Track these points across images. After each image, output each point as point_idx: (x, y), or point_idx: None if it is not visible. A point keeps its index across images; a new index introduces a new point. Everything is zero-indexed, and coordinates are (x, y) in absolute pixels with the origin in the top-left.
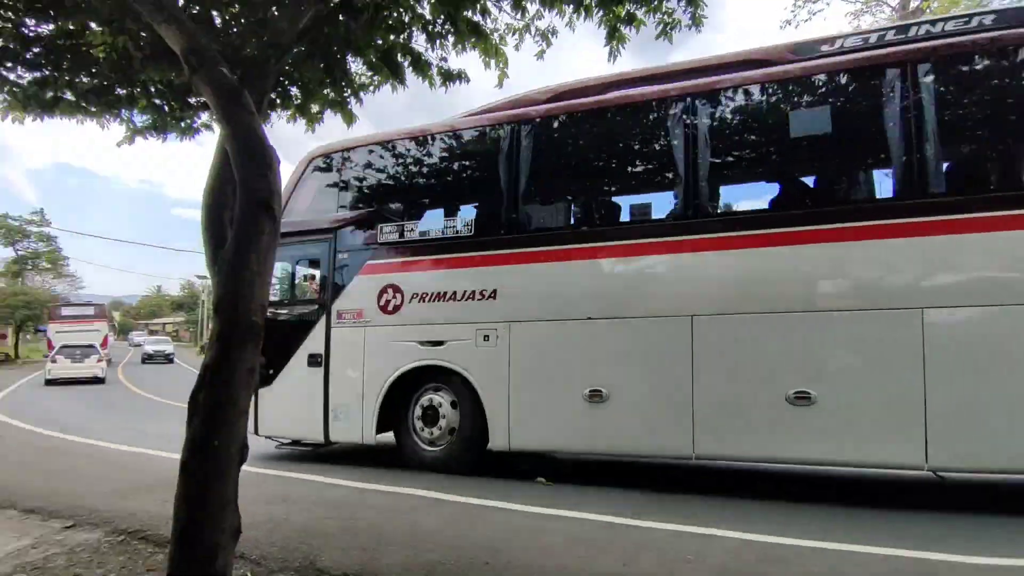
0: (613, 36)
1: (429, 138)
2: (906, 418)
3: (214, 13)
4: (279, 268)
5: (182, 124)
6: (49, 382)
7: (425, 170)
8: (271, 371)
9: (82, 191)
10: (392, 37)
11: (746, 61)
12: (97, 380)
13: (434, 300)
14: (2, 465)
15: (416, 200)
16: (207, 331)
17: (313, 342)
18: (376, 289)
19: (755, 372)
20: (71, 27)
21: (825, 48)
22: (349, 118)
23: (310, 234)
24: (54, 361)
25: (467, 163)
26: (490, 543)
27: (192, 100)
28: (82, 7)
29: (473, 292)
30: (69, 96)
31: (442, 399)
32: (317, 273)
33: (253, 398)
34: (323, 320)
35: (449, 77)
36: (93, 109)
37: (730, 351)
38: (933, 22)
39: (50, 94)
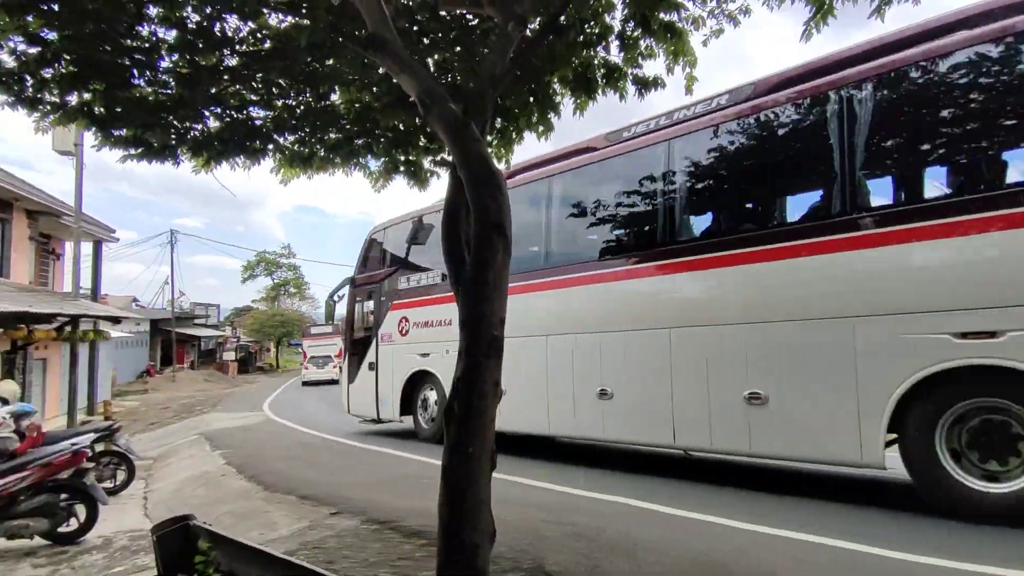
0: (819, 10)
1: (433, 215)
2: (662, 409)
3: (429, 61)
4: (358, 307)
5: (411, 168)
6: (304, 383)
7: (423, 240)
8: (356, 372)
9: (316, 226)
10: (587, 52)
11: (579, 150)
12: (333, 382)
13: (423, 326)
14: (283, 458)
15: (423, 258)
16: None
17: (371, 355)
18: (398, 320)
19: (580, 375)
20: (321, 92)
21: (625, 135)
22: (549, 127)
23: (368, 284)
24: (306, 368)
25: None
26: (712, 560)
27: (420, 144)
28: (335, 76)
29: (439, 320)
30: (321, 152)
31: (431, 394)
32: (372, 310)
33: (346, 389)
34: (374, 341)
35: (644, 84)
36: (338, 160)
37: (567, 360)
38: (689, 107)
39: (307, 151)
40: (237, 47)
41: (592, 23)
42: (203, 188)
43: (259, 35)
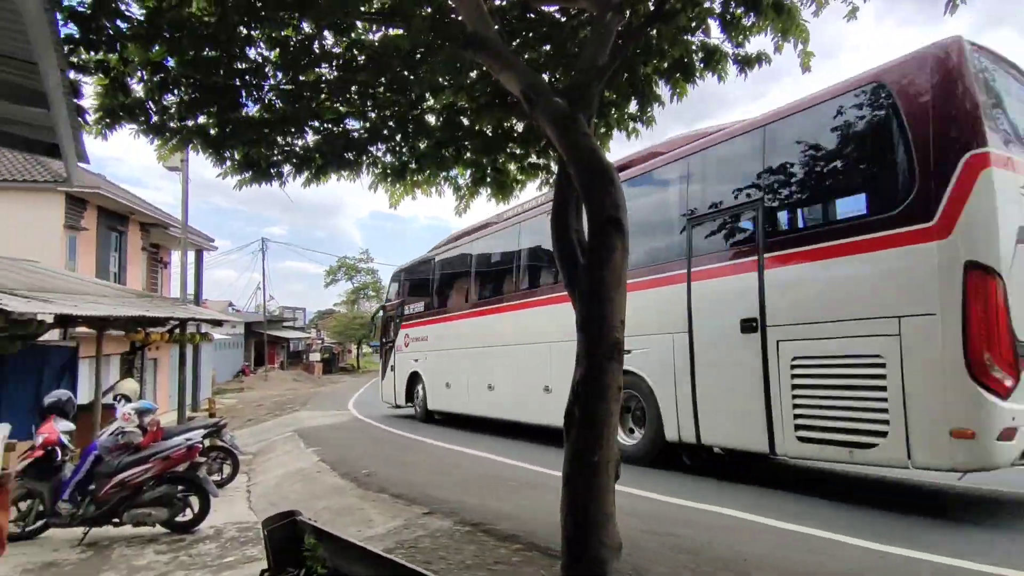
0: None
1: (432, 261)
2: (506, 394)
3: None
4: (387, 326)
5: (499, 177)
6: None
7: (418, 281)
8: (385, 371)
9: (391, 231)
10: (685, 37)
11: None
12: None
13: (415, 340)
14: (372, 455)
15: (416, 293)
16: None
17: (392, 360)
18: (404, 336)
19: (481, 373)
20: (414, 97)
21: (459, 240)
22: (650, 120)
23: (391, 310)
24: None
25: (421, 279)
26: None
27: (507, 149)
28: (428, 82)
29: (422, 336)
30: (412, 164)
31: (419, 387)
32: (393, 328)
33: (380, 383)
34: (394, 350)
35: (748, 63)
36: (428, 172)
37: (480, 366)
38: (500, 215)
39: (399, 162)
40: (335, 61)
41: (698, 8)
42: (286, 198)
43: (355, 49)
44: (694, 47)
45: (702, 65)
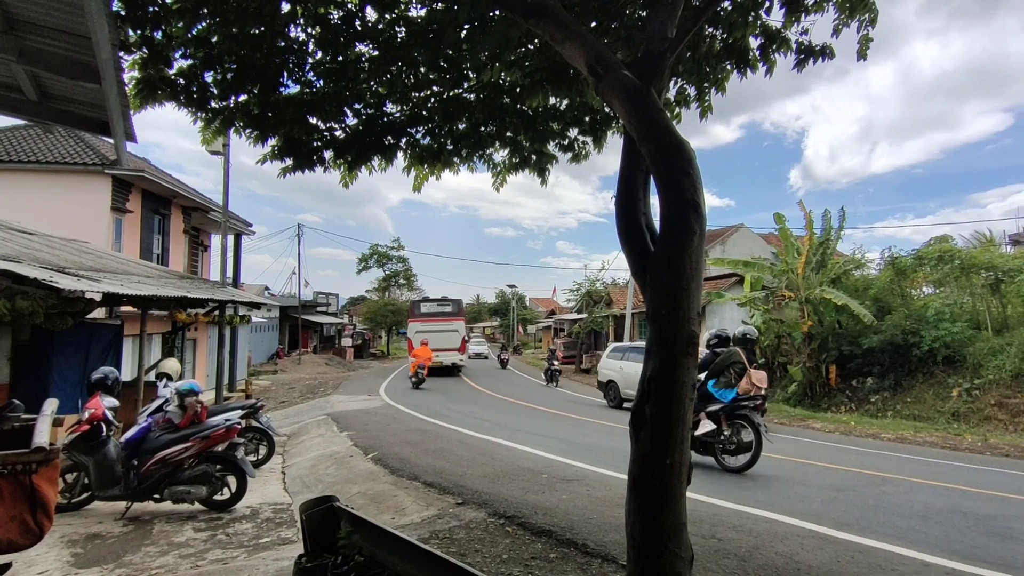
0: None
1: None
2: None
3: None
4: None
5: (540, 156)
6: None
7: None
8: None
9: (420, 220)
10: (745, 18)
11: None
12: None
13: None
14: (404, 442)
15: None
16: (516, 335)
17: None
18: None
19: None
20: (463, 71)
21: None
22: (708, 107)
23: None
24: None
25: None
26: None
27: (546, 128)
28: (473, 59)
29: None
30: (449, 145)
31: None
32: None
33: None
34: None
35: (811, 53)
36: (465, 152)
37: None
38: None
39: (436, 145)
40: (378, 38)
41: None
42: (320, 186)
43: (397, 26)
44: (756, 31)
45: (758, 53)
